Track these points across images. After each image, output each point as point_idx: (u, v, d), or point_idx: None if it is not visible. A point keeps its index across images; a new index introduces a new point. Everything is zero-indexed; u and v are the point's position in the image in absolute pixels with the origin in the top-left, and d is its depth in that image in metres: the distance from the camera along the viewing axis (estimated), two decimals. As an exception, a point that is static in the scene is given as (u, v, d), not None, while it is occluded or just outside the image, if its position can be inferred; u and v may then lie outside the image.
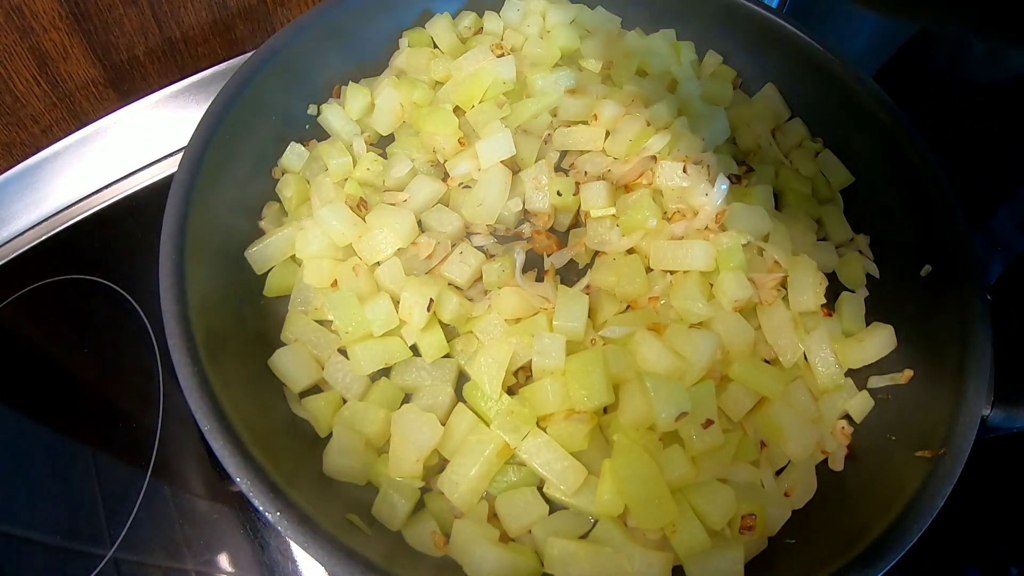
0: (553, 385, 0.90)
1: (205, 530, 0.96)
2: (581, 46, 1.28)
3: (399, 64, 1.24)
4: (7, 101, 1.19)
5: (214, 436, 0.77)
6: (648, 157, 1.10)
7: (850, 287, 1.11)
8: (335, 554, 0.73)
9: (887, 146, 1.12)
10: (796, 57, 1.23)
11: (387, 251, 1.01)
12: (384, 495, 0.87)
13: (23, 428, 1.05)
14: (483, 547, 0.81)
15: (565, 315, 0.96)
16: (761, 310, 1.02)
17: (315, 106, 1.20)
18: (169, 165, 1.30)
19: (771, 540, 0.88)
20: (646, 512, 0.83)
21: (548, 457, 0.87)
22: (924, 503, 0.81)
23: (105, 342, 1.11)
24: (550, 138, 1.17)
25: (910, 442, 0.89)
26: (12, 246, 1.21)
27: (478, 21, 1.30)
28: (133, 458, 1.01)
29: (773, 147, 1.22)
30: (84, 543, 0.95)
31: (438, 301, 0.97)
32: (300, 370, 0.95)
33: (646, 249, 1.05)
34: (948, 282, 0.99)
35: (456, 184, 1.12)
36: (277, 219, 1.10)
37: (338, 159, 1.10)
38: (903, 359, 1.00)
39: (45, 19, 1.12)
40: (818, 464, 0.96)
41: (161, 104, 1.33)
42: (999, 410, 0.91)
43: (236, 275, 1.01)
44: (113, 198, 1.26)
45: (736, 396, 0.94)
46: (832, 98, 1.20)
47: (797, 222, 1.12)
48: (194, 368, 0.81)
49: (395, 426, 0.89)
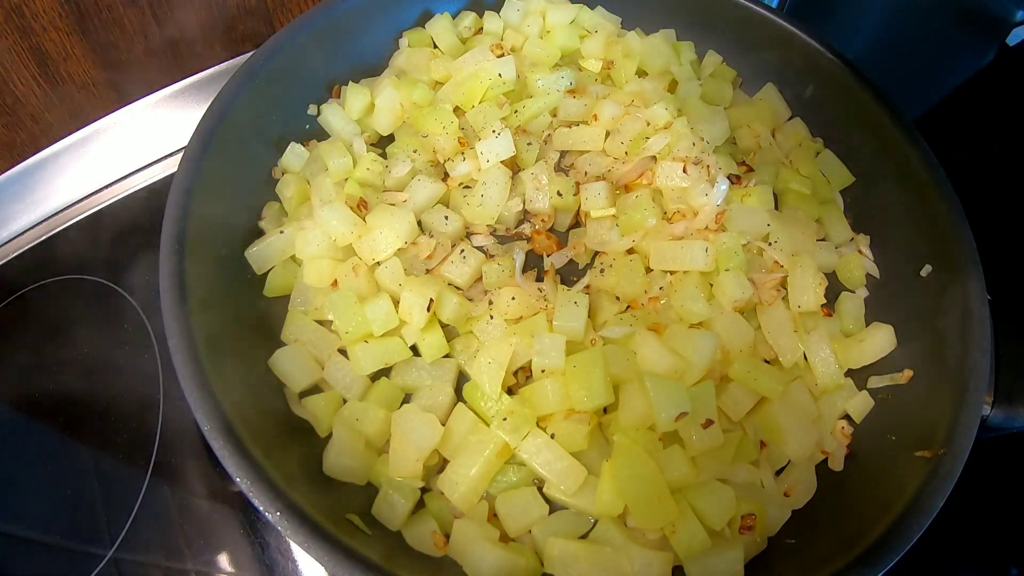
0: (553, 385, 0.90)
1: (205, 530, 0.96)
2: (581, 46, 1.28)
3: (399, 64, 1.24)
4: (7, 101, 1.19)
5: (214, 436, 0.77)
6: (648, 157, 1.10)
7: (850, 287, 1.11)
8: (335, 554, 0.73)
9: (887, 146, 1.12)
10: (796, 57, 1.23)
11: (387, 251, 1.01)
12: (384, 495, 0.87)
13: (23, 428, 1.05)
14: (483, 547, 0.82)
15: (565, 315, 0.96)
16: (761, 310, 1.02)
17: (315, 106, 1.20)
18: (169, 165, 1.30)
19: (771, 540, 0.89)
20: (646, 512, 0.83)
21: (548, 457, 0.87)
22: (924, 503, 0.81)
23: (105, 342, 1.11)
24: (550, 138, 1.17)
25: (910, 442, 0.89)
26: (12, 246, 1.22)
27: (478, 21, 1.30)
28: (133, 458, 1.01)
29: (773, 147, 1.22)
30: (84, 543, 0.95)
31: (438, 301, 0.97)
32: (300, 370, 0.95)
33: (646, 249, 1.05)
34: (948, 282, 0.99)
35: (456, 184, 1.12)
36: (277, 219, 1.09)
37: (338, 159, 1.10)
38: (903, 359, 1.00)
39: (45, 19, 1.12)
40: (818, 464, 0.96)
41: (161, 104, 1.33)
42: (999, 410, 0.91)
43: (236, 275, 1.01)
44: (113, 198, 1.26)
45: (736, 396, 0.94)
46: (832, 98, 1.20)
47: (797, 222, 1.12)
48: (194, 368, 0.81)
49: (395, 426, 0.89)
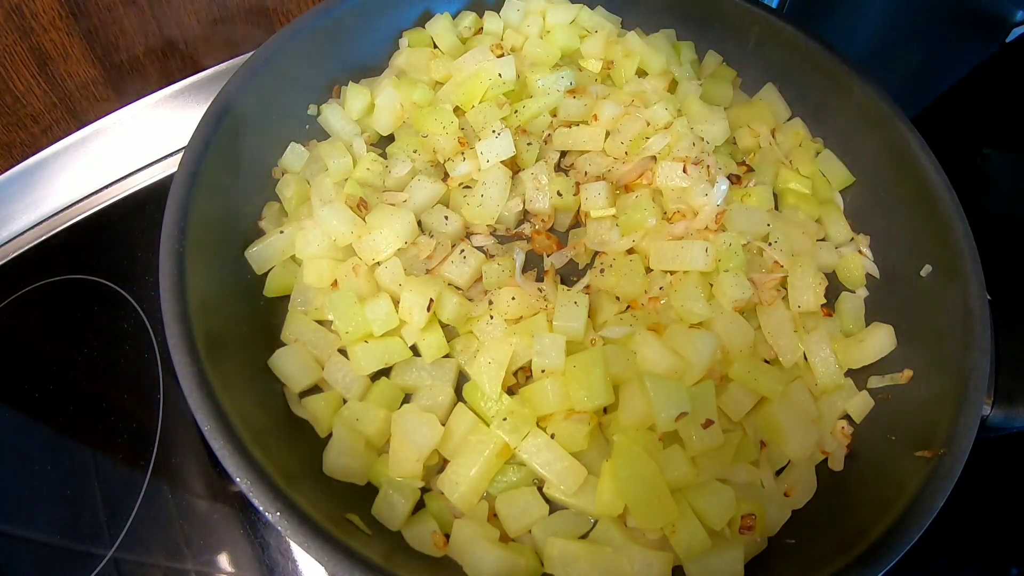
0: (553, 385, 0.90)
1: (205, 530, 0.96)
2: (581, 46, 1.28)
3: (399, 64, 1.24)
4: (7, 101, 1.19)
5: (214, 436, 0.77)
6: (648, 157, 1.10)
7: (850, 287, 1.11)
8: (335, 554, 0.73)
9: (887, 146, 1.12)
10: (796, 57, 1.23)
11: (387, 251, 1.01)
12: (384, 495, 0.87)
13: (23, 428, 1.05)
14: (483, 547, 0.81)
15: (565, 315, 0.96)
16: (761, 310, 1.02)
17: (315, 106, 1.20)
18: (169, 165, 1.30)
19: (771, 540, 0.89)
20: (646, 512, 0.83)
21: (548, 457, 0.87)
22: (924, 503, 0.81)
23: (105, 342, 1.11)
24: (550, 138, 1.17)
25: (910, 442, 0.89)
26: (12, 246, 1.22)
27: (478, 21, 1.30)
28: (133, 458, 1.01)
29: (773, 147, 1.22)
30: (84, 543, 0.95)
31: (438, 301, 0.97)
32: (300, 370, 0.95)
33: (646, 249, 1.05)
34: (948, 282, 0.99)
35: (456, 184, 1.12)
36: (277, 219, 1.09)
37: (338, 159, 1.10)
38: (903, 359, 1.00)
39: (45, 19, 1.12)
40: (818, 464, 0.96)
41: (161, 104, 1.33)
42: (999, 410, 0.91)
43: (236, 275, 1.01)
44: (113, 198, 1.26)
45: (736, 396, 0.94)
46: (832, 98, 1.20)
47: (797, 222, 1.12)
48: (194, 368, 0.81)
49: (395, 426, 0.89)
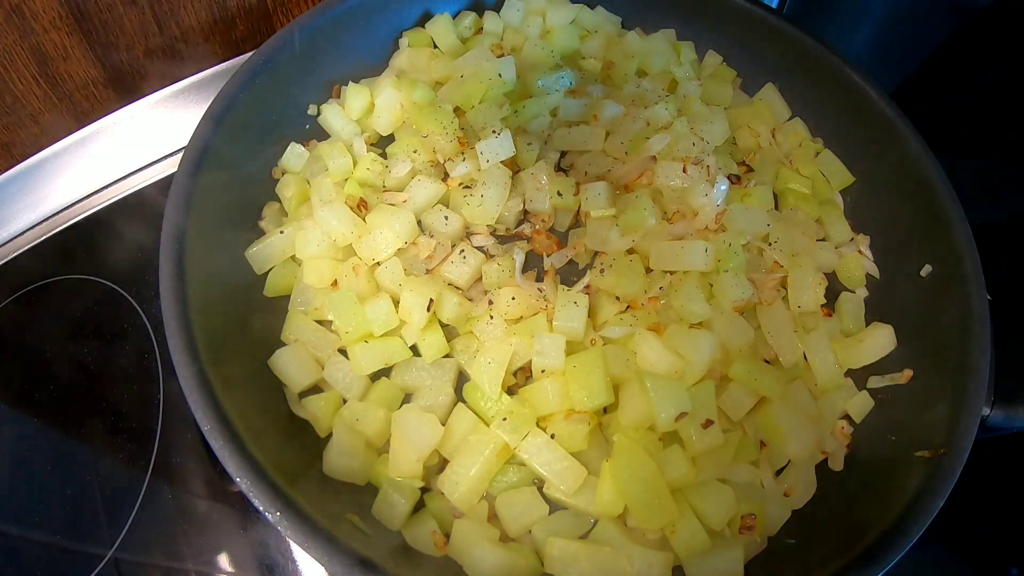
0: (553, 385, 0.90)
1: (205, 530, 0.96)
2: (581, 46, 1.28)
3: (399, 64, 1.24)
4: (7, 101, 1.19)
5: (214, 436, 0.77)
6: (648, 157, 1.10)
7: (850, 287, 1.11)
8: (335, 554, 0.73)
9: (887, 146, 1.12)
10: (796, 57, 1.23)
11: (387, 251, 1.01)
12: (384, 495, 0.87)
13: (23, 428, 1.05)
14: (483, 547, 0.81)
15: (565, 315, 0.96)
16: (761, 310, 1.02)
17: (315, 106, 1.20)
18: (169, 165, 1.29)
19: (771, 540, 0.89)
20: (646, 512, 0.83)
21: (548, 457, 0.87)
22: (924, 503, 0.81)
23: (105, 342, 1.11)
24: (550, 138, 1.17)
25: (910, 442, 0.89)
26: (12, 246, 1.21)
27: (478, 21, 1.30)
28: (133, 458, 1.01)
29: (773, 147, 1.22)
30: (84, 543, 0.95)
31: (438, 301, 0.97)
32: (300, 370, 0.95)
33: (646, 249, 1.05)
34: (948, 282, 0.99)
35: (456, 184, 1.12)
36: (277, 219, 1.09)
37: (338, 159, 1.10)
38: (903, 359, 1.00)
39: (45, 19, 1.12)
40: (818, 464, 0.96)
41: (161, 104, 1.33)
42: (999, 410, 0.91)
43: (236, 275, 1.01)
44: (113, 198, 1.26)
45: (736, 396, 0.94)
46: (832, 98, 1.20)
47: (797, 222, 1.12)
48: (194, 368, 0.81)
49: (395, 426, 0.89)
